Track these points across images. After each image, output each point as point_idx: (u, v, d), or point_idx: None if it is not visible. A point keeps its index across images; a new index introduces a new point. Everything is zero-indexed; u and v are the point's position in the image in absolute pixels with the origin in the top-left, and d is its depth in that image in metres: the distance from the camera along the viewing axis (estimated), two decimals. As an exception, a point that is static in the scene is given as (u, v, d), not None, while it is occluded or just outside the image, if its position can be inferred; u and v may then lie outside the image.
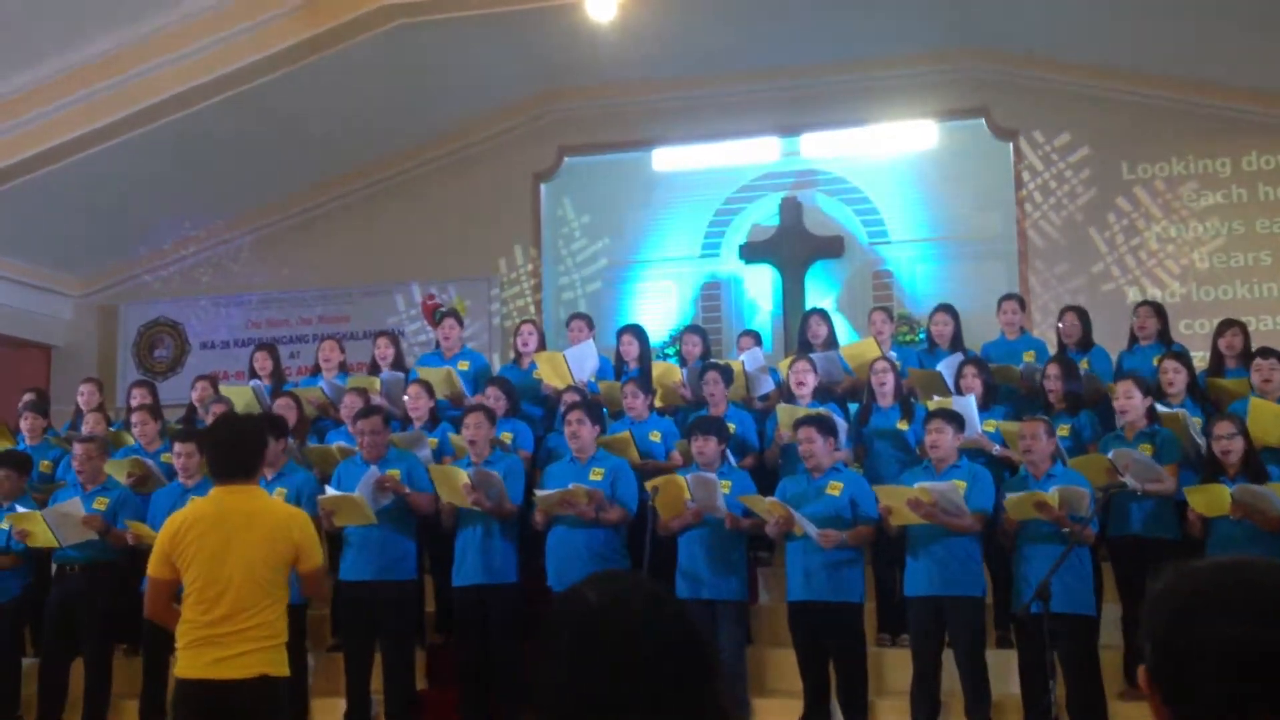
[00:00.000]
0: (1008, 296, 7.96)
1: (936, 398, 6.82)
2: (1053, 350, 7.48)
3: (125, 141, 9.07)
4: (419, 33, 8.81)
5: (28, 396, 8.17)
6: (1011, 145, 10.32)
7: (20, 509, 6.59)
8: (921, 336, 9.18)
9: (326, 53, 8.79)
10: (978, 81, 10.29)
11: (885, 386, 6.87)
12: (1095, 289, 9.88)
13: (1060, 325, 7.59)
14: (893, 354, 7.41)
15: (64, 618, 6.55)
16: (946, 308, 7.81)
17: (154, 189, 10.20)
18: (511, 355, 8.41)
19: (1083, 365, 7.03)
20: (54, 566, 6.72)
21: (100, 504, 6.57)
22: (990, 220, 10.39)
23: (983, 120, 10.34)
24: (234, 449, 4.16)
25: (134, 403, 7.92)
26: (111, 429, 7.88)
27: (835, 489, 6.02)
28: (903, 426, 6.77)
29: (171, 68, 8.70)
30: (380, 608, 6.38)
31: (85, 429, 7.60)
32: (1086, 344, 7.41)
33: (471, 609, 6.41)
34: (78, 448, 6.80)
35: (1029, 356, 7.37)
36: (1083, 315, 7.52)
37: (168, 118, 8.98)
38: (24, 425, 7.81)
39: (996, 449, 6.49)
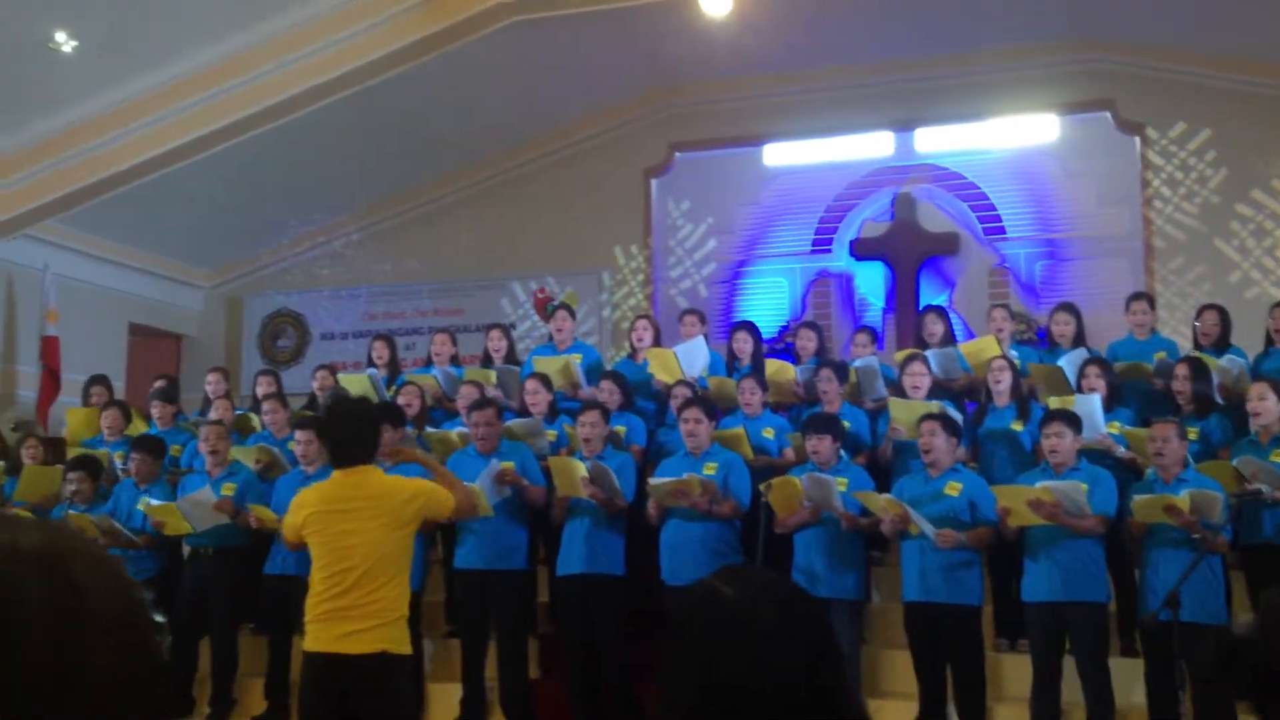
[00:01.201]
0: (1137, 296, 7.69)
1: (1055, 397, 6.64)
2: (1185, 351, 7.23)
3: (251, 139, 9.35)
4: (534, 30, 8.90)
5: (158, 384, 8.49)
6: (1137, 139, 10.01)
7: (154, 500, 6.85)
8: (1040, 335, 8.96)
9: (444, 50, 8.93)
10: (1102, 73, 10.00)
11: (1001, 385, 6.72)
12: (1226, 288, 9.51)
13: (1197, 324, 7.30)
14: (1012, 352, 7.25)
15: (195, 598, 6.81)
16: (1068, 306, 7.59)
17: (278, 184, 10.53)
18: (621, 349, 8.44)
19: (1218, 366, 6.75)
20: (186, 550, 6.97)
21: (228, 489, 6.81)
22: (1114, 216, 10.09)
23: (1108, 114, 10.05)
24: (349, 435, 4.27)
25: (261, 391, 8.17)
26: (237, 415, 8.14)
27: (954, 489, 5.91)
28: (1017, 427, 6.62)
29: (294, 67, 8.94)
30: (494, 597, 6.48)
31: (213, 416, 7.87)
32: (1224, 344, 7.12)
33: (574, 598, 6.46)
34: (204, 430, 7.07)
35: (1160, 358, 7.13)
36: (1223, 314, 7.20)
37: (291, 115, 9.22)
38: (154, 412, 8.12)
39: (1121, 451, 6.30)
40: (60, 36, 8.06)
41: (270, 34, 8.78)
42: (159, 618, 0.75)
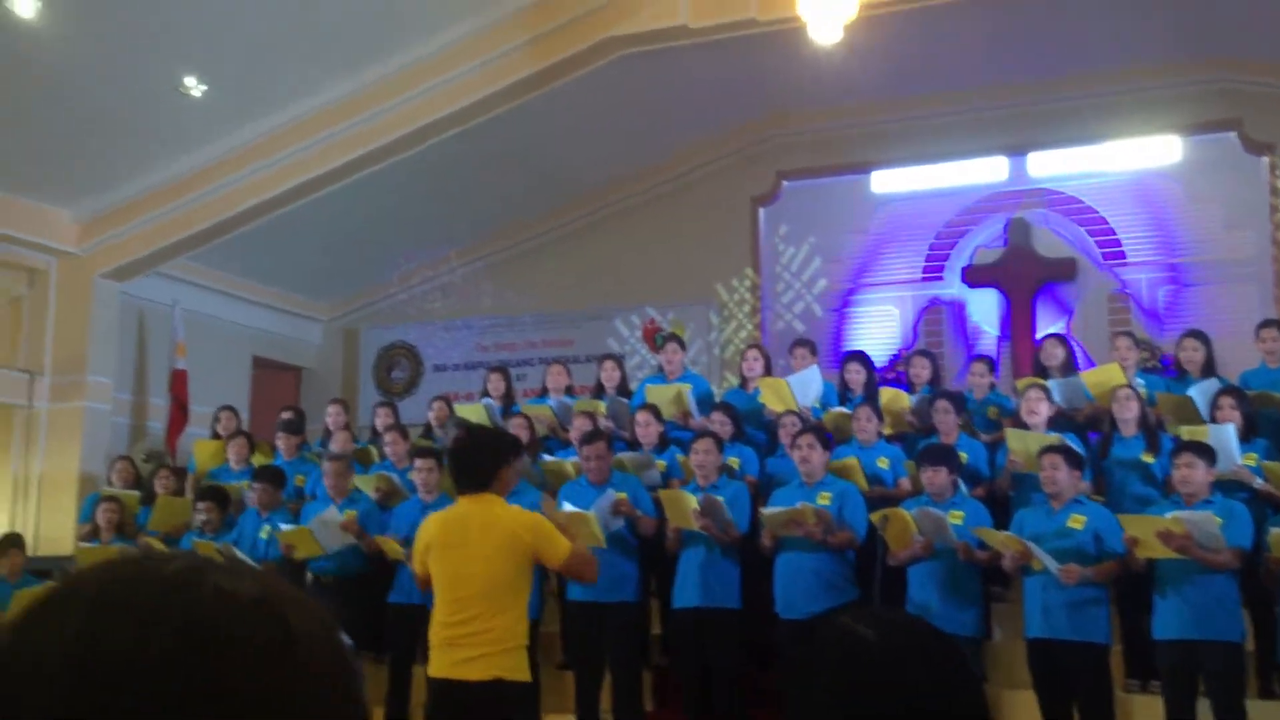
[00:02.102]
0: (1267, 323, 7.39)
1: (1186, 427, 6.42)
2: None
3: (367, 176, 9.61)
4: (641, 62, 8.98)
5: (284, 415, 8.74)
6: (1265, 160, 9.67)
7: (282, 525, 7.05)
8: (1164, 363, 8.68)
9: (552, 85, 9.07)
10: (1228, 93, 9.69)
11: (1129, 415, 6.52)
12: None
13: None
14: (1138, 381, 7.03)
15: (316, 626, 6.93)
16: (1197, 333, 7.34)
17: (393, 220, 10.80)
18: (728, 379, 8.42)
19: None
20: (309, 577, 7.14)
21: (349, 516, 6.96)
22: (1241, 240, 9.75)
23: (1234, 134, 9.73)
24: (474, 461, 4.34)
25: (381, 423, 8.36)
26: (357, 446, 8.33)
27: (1077, 522, 5.74)
28: (1147, 459, 6.41)
29: (408, 106, 9.16)
30: (607, 629, 6.49)
31: (334, 447, 8.07)
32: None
33: (689, 631, 6.43)
34: (327, 465, 7.24)
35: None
36: None
37: (405, 153, 9.45)
38: (280, 443, 8.37)
39: (1259, 483, 6.05)
40: (190, 81, 8.39)
41: (385, 75, 9.02)
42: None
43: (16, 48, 7.52)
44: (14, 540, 7.65)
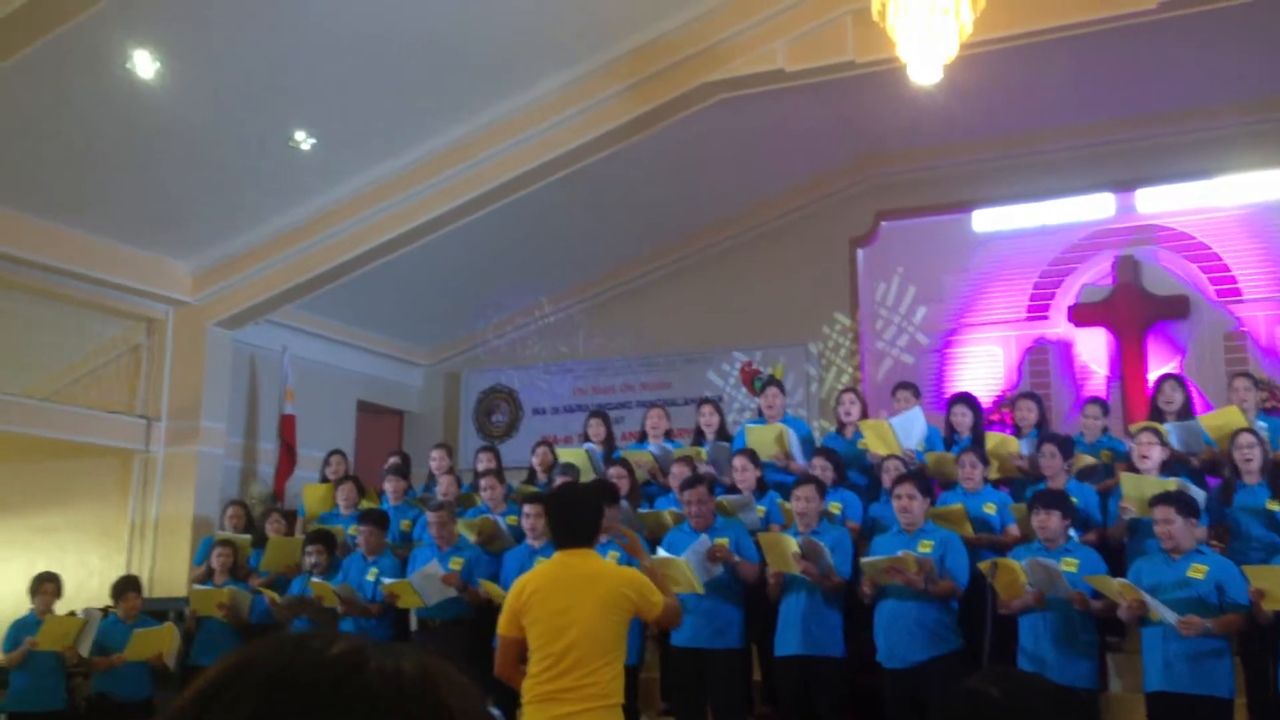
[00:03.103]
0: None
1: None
2: None
3: (468, 224, 9.79)
4: (740, 105, 9.02)
5: (392, 460, 8.89)
6: (1389, 191, 9.31)
7: (383, 573, 7.15)
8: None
9: (652, 130, 9.15)
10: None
11: (1252, 463, 6.28)
12: None
13: None
14: (1260, 424, 6.77)
15: (422, 669, 7.00)
16: (1320, 373, 7.07)
17: (493, 265, 10.98)
18: (826, 422, 8.33)
19: None
20: (414, 620, 7.22)
21: (456, 564, 7.04)
22: (1364, 274, 9.38)
23: (1353, 165, 9.39)
24: (573, 518, 4.33)
25: (480, 467, 8.45)
26: (462, 491, 8.43)
27: (1198, 572, 5.53)
28: (1273, 507, 6.15)
29: (510, 153, 9.32)
30: (709, 676, 6.43)
31: (439, 491, 8.18)
32: None
33: (793, 680, 6.35)
34: (431, 516, 7.34)
35: None
36: None
37: (506, 199, 9.61)
38: (388, 488, 8.52)
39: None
40: (299, 135, 8.67)
41: (486, 124, 9.19)
42: None
43: (137, 107, 7.86)
44: (132, 583, 7.89)
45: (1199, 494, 6.23)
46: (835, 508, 6.93)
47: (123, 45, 7.36)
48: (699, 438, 8.21)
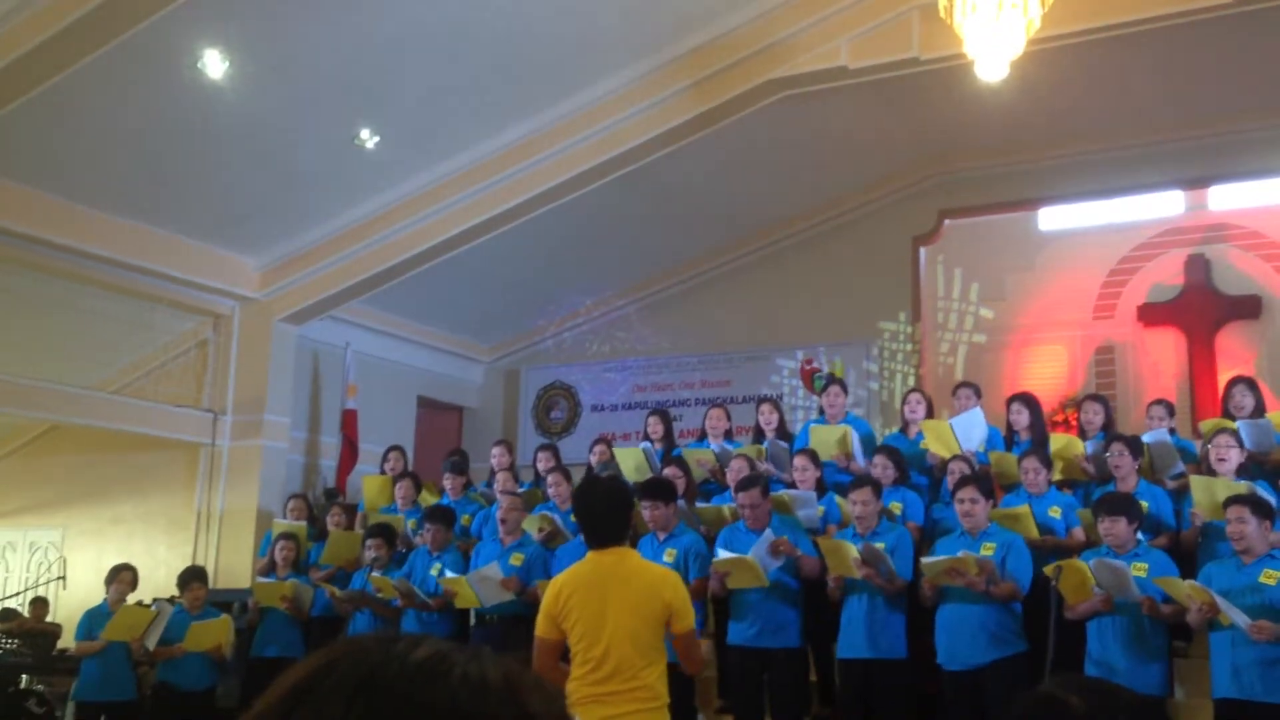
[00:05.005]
0: None
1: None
2: None
3: (529, 221, 9.84)
4: (803, 103, 8.97)
5: (451, 457, 8.96)
6: None
7: (447, 568, 7.22)
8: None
9: (714, 128, 9.12)
10: None
11: (1326, 464, 6.13)
12: None
13: None
14: (1336, 427, 6.61)
15: (481, 663, 7.06)
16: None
17: (553, 262, 11.03)
18: (890, 421, 8.26)
19: None
20: (473, 615, 7.28)
21: (516, 559, 7.08)
22: None
23: None
24: (595, 519, 4.25)
25: (542, 465, 8.49)
26: (522, 489, 8.47)
27: (1271, 578, 5.41)
28: (1349, 510, 5.99)
29: (571, 151, 9.34)
30: (769, 675, 6.41)
31: (498, 487, 8.23)
32: None
33: (855, 683, 6.31)
34: (504, 499, 7.39)
35: None
36: None
37: (567, 197, 9.64)
38: (447, 483, 8.59)
39: None
40: (365, 133, 8.77)
41: (549, 122, 9.23)
42: None
43: (206, 106, 7.99)
44: (197, 573, 8.03)
45: (1272, 499, 6.10)
46: (896, 507, 6.87)
47: (194, 45, 7.49)
48: (758, 436, 8.18)
